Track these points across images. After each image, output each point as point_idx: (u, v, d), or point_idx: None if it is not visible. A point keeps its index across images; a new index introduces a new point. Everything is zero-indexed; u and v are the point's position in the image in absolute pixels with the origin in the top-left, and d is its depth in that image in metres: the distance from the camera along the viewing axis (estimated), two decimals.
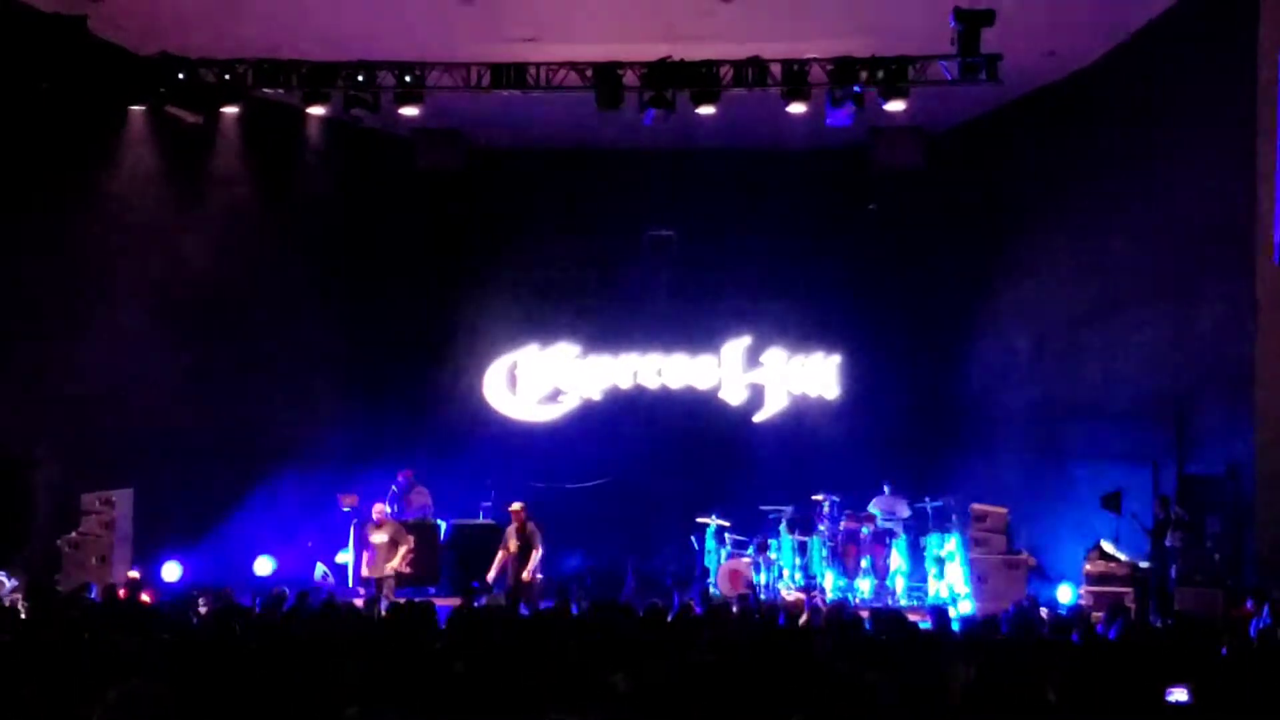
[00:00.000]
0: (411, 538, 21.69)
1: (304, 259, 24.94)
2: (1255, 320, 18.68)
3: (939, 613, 16.07)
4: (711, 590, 22.50)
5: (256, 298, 24.38)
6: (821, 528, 23.29)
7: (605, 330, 27.36)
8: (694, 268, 26.96)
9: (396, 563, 21.20)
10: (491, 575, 20.74)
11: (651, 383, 27.27)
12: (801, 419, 26.98)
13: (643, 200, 26.45)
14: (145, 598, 18.52)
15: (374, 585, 21.11)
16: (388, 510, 22.24)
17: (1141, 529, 20.03)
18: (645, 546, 25.08)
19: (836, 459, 25.07)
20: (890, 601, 21.82)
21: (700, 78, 20.43)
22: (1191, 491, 19.89)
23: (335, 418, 25.31)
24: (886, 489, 24.02)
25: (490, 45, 20.81)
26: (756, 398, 27.19)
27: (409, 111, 21.23)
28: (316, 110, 21.51)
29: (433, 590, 22.37)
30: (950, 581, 22.30)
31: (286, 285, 24.75)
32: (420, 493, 23.84)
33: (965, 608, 20.64)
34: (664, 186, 26.16)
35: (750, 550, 23.17)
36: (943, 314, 25.99)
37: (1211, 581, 18.65)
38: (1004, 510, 21.46)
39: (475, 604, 17.50)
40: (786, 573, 23.03)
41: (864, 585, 22.64)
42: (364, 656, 11.57)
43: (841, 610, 16.09)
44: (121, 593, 18.45)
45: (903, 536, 23.16)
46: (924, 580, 22.77)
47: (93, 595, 17.43)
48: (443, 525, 23.63)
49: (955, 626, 15.46)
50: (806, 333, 27.05)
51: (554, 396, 27.40)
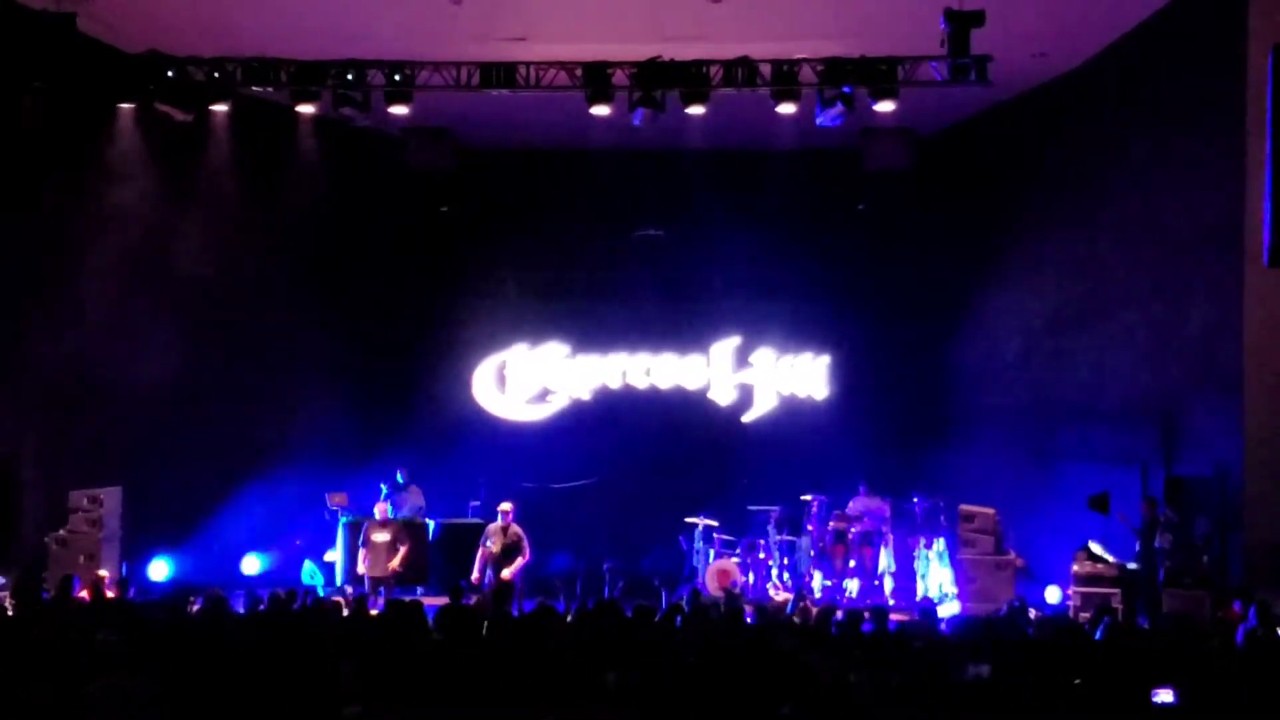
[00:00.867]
0: (410, 540, 21.74)
1: (293, 258, 24.92)
2: (1244, 321, 18.70)
3: (927, 613, 16.11)
4: (699, 590, 22.50)
5: (245, 296, 24.37)
6: (809, 528, 23.30)
7: (594, 330, 27.32)
8: (683, 268, 26.95)
9: (396, 563, 21.22)
10: (475, 576, 20.69)
11: (640, 383, 27.24)
12: (790, 419, 26.95)
13: (632, 200, 26.43)
14: (109, 594, 18.49)
15: (369, 583, 21.12)
16: (389, 509, 22.31)
17: (1130, 530, 20.04)
18: (633, 546, 25.03)
19: (825, 459, 25.03)
20: (877, 602, 21.82)
21: (690, 78, 20.40)
22: (1179, 492, 19.91)
23: (324, 417, 25.29)
24: (862, 489, 23.97)
25: (480, 44, 20.79)
26: (745, 398, 27.18)
27: (399, 110, 21.21)
28: (306, 109, 21.43)
29: (421, 590, 22.34)
30: (938, 582, 22.32)
31: (275, 284, 24.74)
32: (414, 492, 23.80)
33: (953, 608, 20.65)
34: (653, 186, 26.15)
35: (738, 550, 23.18)
36: (931, 315, 25.99)
37: (1199, 583, 18.66)
38: (992, 511, 21.47)
39: (463, 603, 17.52)
40: (774, 573, 23.05)
41: (851, 585, 22.64)
42: (357, 655, 11.60)
43: (830, 610, 16.11)
44: (111, 592, 18.47)
45: (890, 537, 23.15)
46: (912, 580, 22.77)
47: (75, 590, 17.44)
48: (431, 524, 23.61)
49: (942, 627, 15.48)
50: (796, 333, 27.04)
51: (543, 396, 27.37)
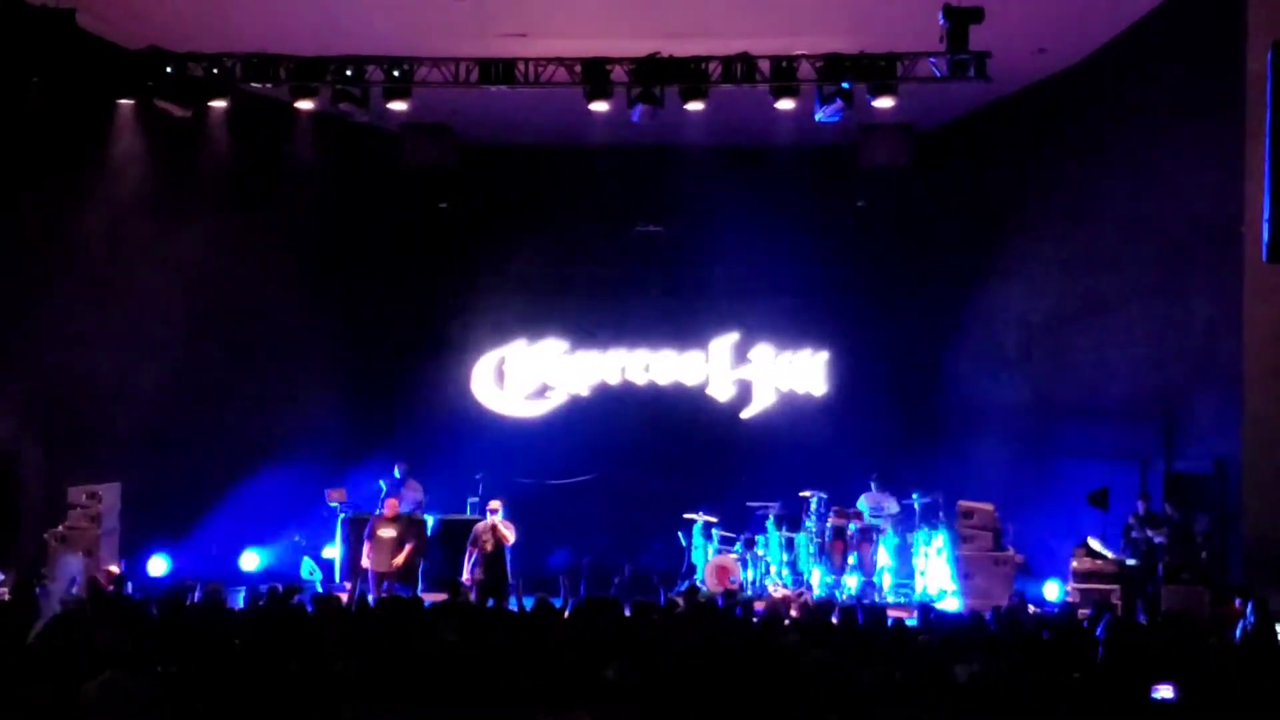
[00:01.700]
0: (415, 537, 21.78)
1: (292, 254, 24.92)
2: (1243, 318, 18.70)
3: (926, 610, 16.10)
4: (698, 586, 22.49)
5: (244, 293, 24.37)
6: (809, 524, 23.27)
7: (594, 326, 27.31)
8: (682, 264, 26.95)
9: (401, 560, 21.26)
10: (468, 575, 20.68)
11: (639, 379, 27.24)
12: (789, 415, 26.95)
13: (631, 196, 26.45)
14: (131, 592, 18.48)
15: (371, 578, 21.13)
16: (398, 505, 22.33)
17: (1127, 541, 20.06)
18: (632, 543, 25.03)
19: (824, 455, 25.03)
20: (877, 598, 21.80)
21: (688, 74, 20.41)
22: (1179, 489, 19.91)
23: (322, 413, 25.32)
24: (873, 485, 23.97)
25: (479, 41, 20.78)
26: (744, 394, 27.17)
27: (397, 106, 21.22)
28: (305, 105, 21.44)
29: (420, 586, 22.31)
30: (937, 578, 22.31)
31: (274, 280, 24.75)
32: (414, 487, 23.80)
33: (952, 604, 20.65)
34: (652, 183, 26.16)
35: (737, 546, 23.16)
36: (931, 311, 26.00)
37: (1198, 579, 18.66)
38: (991, 507, 21.46)
39: (461, 599, 17.52)
40: (774, 569, 23.04)
41: (851, 581, 22.62)
42: (354, 652, 11.60)
43: (827, 607, 16.11)
44: (109, 587, 18.46)
45: (890, 533, 23.13)
46: (911, 577, 22.76)
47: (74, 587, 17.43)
48: (430, 520, 23.59)
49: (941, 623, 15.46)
50: (794, 329, 27.03)
51: (542, 392, 27.37)
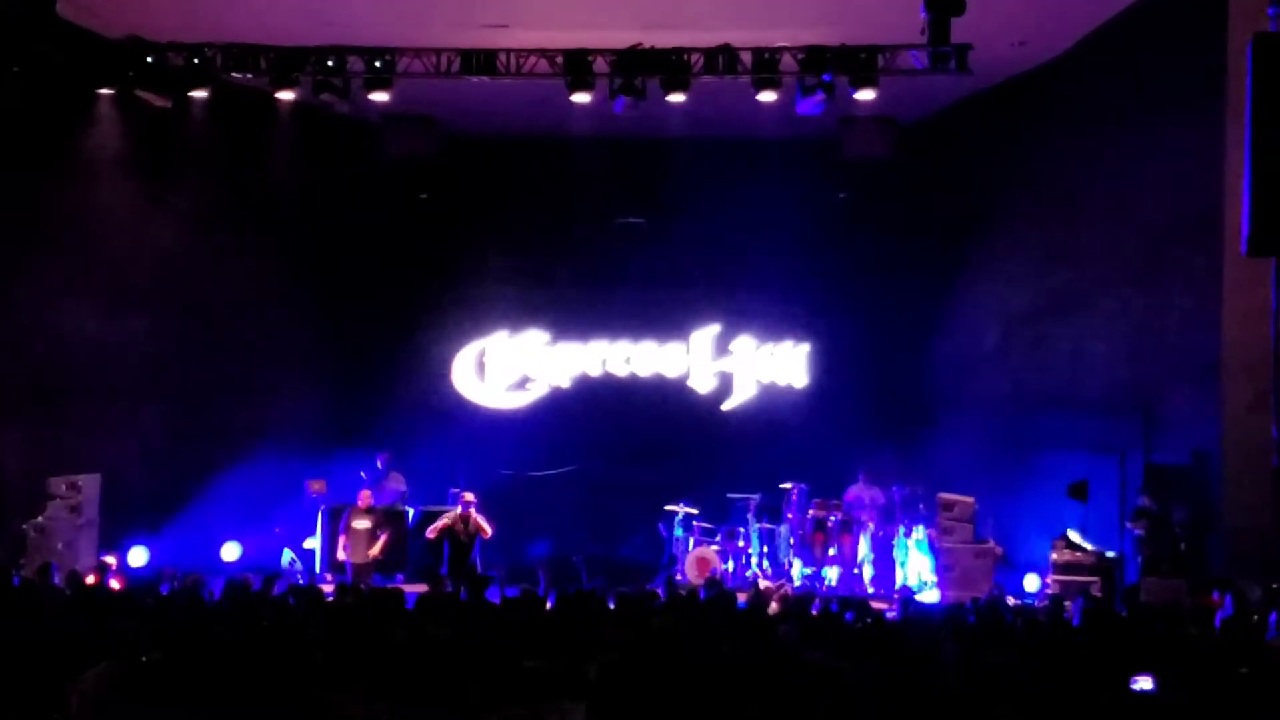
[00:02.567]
0: (390, 528, 21.83)
1: (273, 244, 24.87)
2: (1222, 310, 18.74)
3: (906, 601, 16.14)
4: (678, 578, 22.54)
5: (225, 283, 24.31)
6: (789, 516, 23.32)
7: (574, 318, 27.32)
8: (663, 256, 26.92)
9: (376, 550, 21.28)
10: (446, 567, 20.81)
11: (620, 370, 27.23)
12: (770, 407, 26.97)
13: (613, 188, 26.38)
14: (115, 584, 18.44)
15: (351, 570, 21.15)
16: (372, 497, 22.37)
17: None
18: (613, 534, 25.11)
19: (804, 447, 25.06)
20: (857, 590, 21.85)
21: (670, 65, 20.43)
22: (1158, 481, 19.95)
23: (303, 404, 25.29)
24: (861, 478, 24.00)
25: (461, 31, 20.77)
26: (725, 386, 27.18)
27: (379, 97, 21.21)
28: (286, 95, 21.43)
29: (400, 577, 22.34)
30: (917, 570, 22.36)
31: (255, 271, 24.69)
32: (395, 478, 23.85)
33: (932, 596, 20.69)
34: (634, 174, 26.14)
35: (718, 538, 23.22)
36: (911, 303, 25.98)
37: (1177, 571, 18.72)
38: (971, 499, 21.51)
39: (443, 591, 17.54)
40: (754, 560, 23.08)
41: (831, 573, 22.67)
42: (337, 644, 11.59)
43: (808, 598, 16.14)
44: (91, 579, 18.42)
45: (870, 525, 23.17)
46: (891, 569, 22.80)
47: (55, 578, 17.39)
48: (410, 512, 23.60)
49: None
50: (776, 321, 27.05)
51: (522, 384, 27.35)
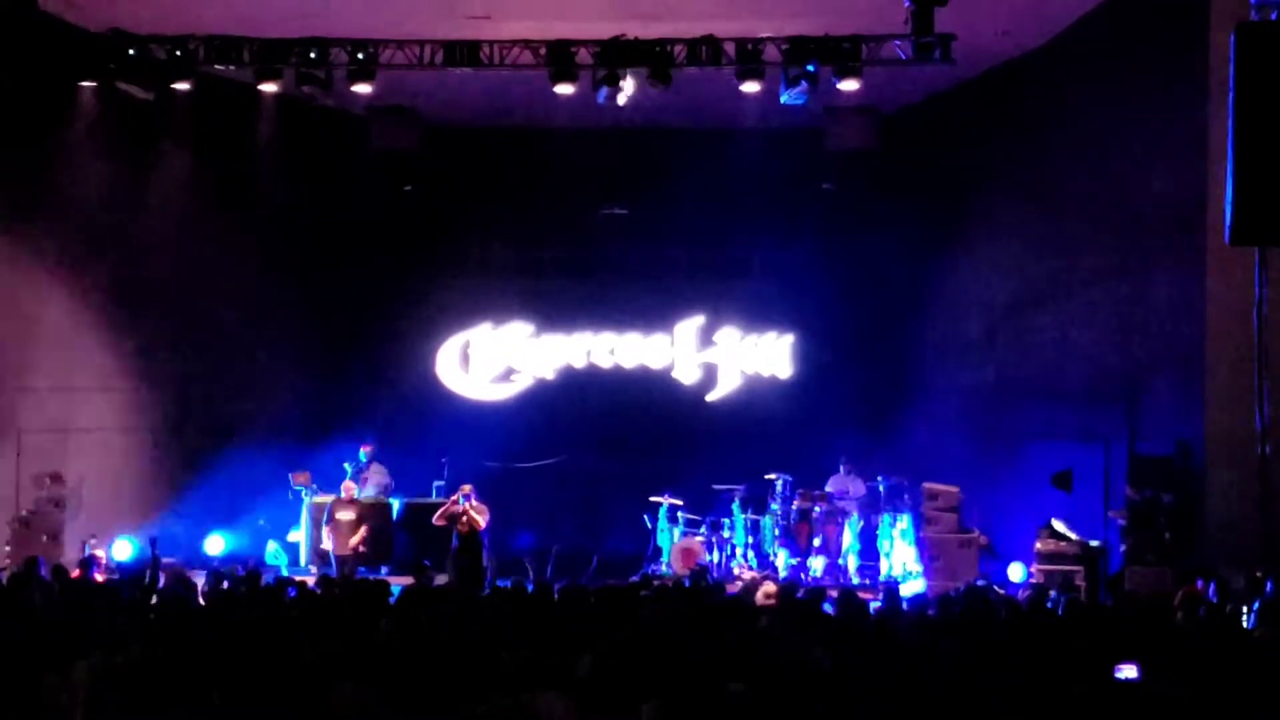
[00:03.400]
0: (373, 519, 21.86)
1: (257, 237, 24.84)
2: (1206, 299, 18.77)
3: (890, 592, 16.15)
4: (664, 569, 22.56)
5: (209, 276, 24.26)
6: (774, 507, 23.34)
7: (559, 309, 27.31)
8: (648, 247, 26.95)
9: (356, 541, 21.30)
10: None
11: (605, 362, 27.23)
12: (754, 398, 26.98)
13: (596, 179, 26.39)
14: (98, 577, 18.43)
15: (335, 562, 21.16)
16: (355, 489, 22.37)
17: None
18: (598, 526, 25.11)
19: (789, 438, 25.12)
20: (842, 580, 21.88)
21: (653, 56, 20.42)
22: (1142, 470, 19.98)
23: (287, 396, 25.28)
24: (842, 468, 24.04)
25: (443, 23, 20.75)
26: (710, 377, 27.18)
27: (362, 89, 21.19)
28: (269, 87, 21.41)
29: (386, 569, 22.32)
30: (902, 560, 22.39)
31: (239, 264, 24.65)
32: (378, 470, 23.84)
33: (916, 586, 20.72)
34: (617, 165, 26.13)
35: (703, 529, 23.23)
36: (895, 294, 26.01)
37: (1161, 560, 18.76)
38: (956, 489, 21.53)
39: (429, 583, 17.55)
40: (739, 551, 23.10)
41: (816, 564, 22.69)
42: (323, 635, 11.59)
43: (793, 588, 16.15)
44: (75, 572, 18.39)
45: (855, 515, 23.20)
46: (876, 559, 22.84)
47: (41, 571, 17.36)
48: (396, 504, 23.58)
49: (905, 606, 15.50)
50: (760, 312, 27.07)
51: (507, 376, 27.34)
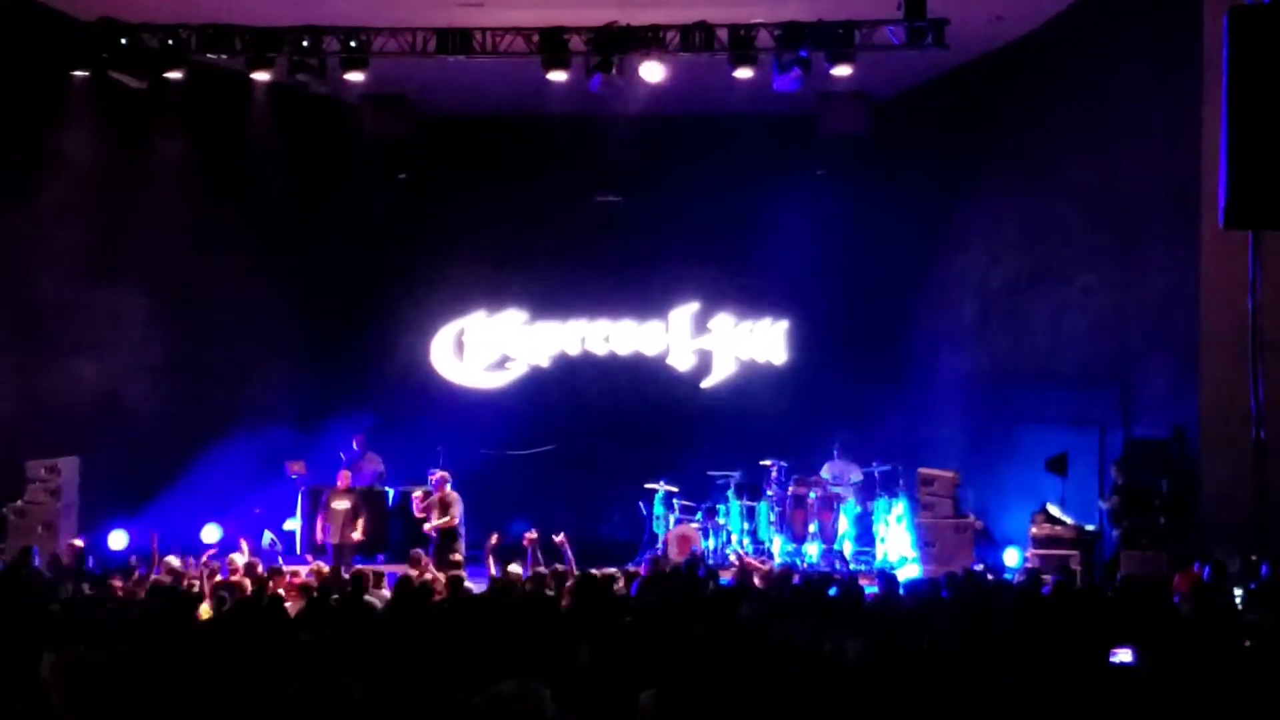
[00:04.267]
0: (369, 508, 21.88)
1: (251, 226, 24.80)
2: (1200, 283, 18.79)
3: (886, 577, 16.15)
4: (660, 555, 22.56)
5: (202, 265, 24.24)
6: (770, 493, 23.36)
7: (553, 296, 27.31)
8: (642, 234, 26.91)
9: (358, 533, 21.34)
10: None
11: (599, 349, 27.23)
12: (749, 385, 27.00)
13: (590, 166, 26.29)
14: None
15: (330, 551, 21.17)
16: (350, 477, 22.40)
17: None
18: (593, 513, 25.13)
19: (784, 424, 25.15)
20: (838, 565, 21.87)
21: (646, 43, 20.41)
22: (1137, 455, 20.00)
23: (282, 385, 25.25)
24: (836, 453, 24.05)
25: (436, 11, 20.73)
26: (704, 364, 27.19)
27: (354, 77, 21.19)
28: (261, 76, 21.39)
29: (381, 558, 22.33)
30: (898, 545, 22.41)
31: (232, 252, 24.62)
32: (373, 459, 23.83)
33: (912, 571, 20.73)
34: (611, 152, 26.07)
35: (699, 516, 23.24)
36: (890, 279, 26.02)
37: (1156, 544, 18.79)
38: (951, 474, 21.56)
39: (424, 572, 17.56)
40: (735, 538, 23.12)
41: (812, 550, 22.71)
42: (317, 625, 11.60)
43: (788, 574, 16.16)
44: (65, 560, 18.42)
45: (851, 501, 23.22)
46: (871, 544, 22.87)
47: (36, 561, 17.40)
48: (390, 492, 23.60)
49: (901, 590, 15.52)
50: (754, 299, 27.07)
51: (502, 363, 27.34)
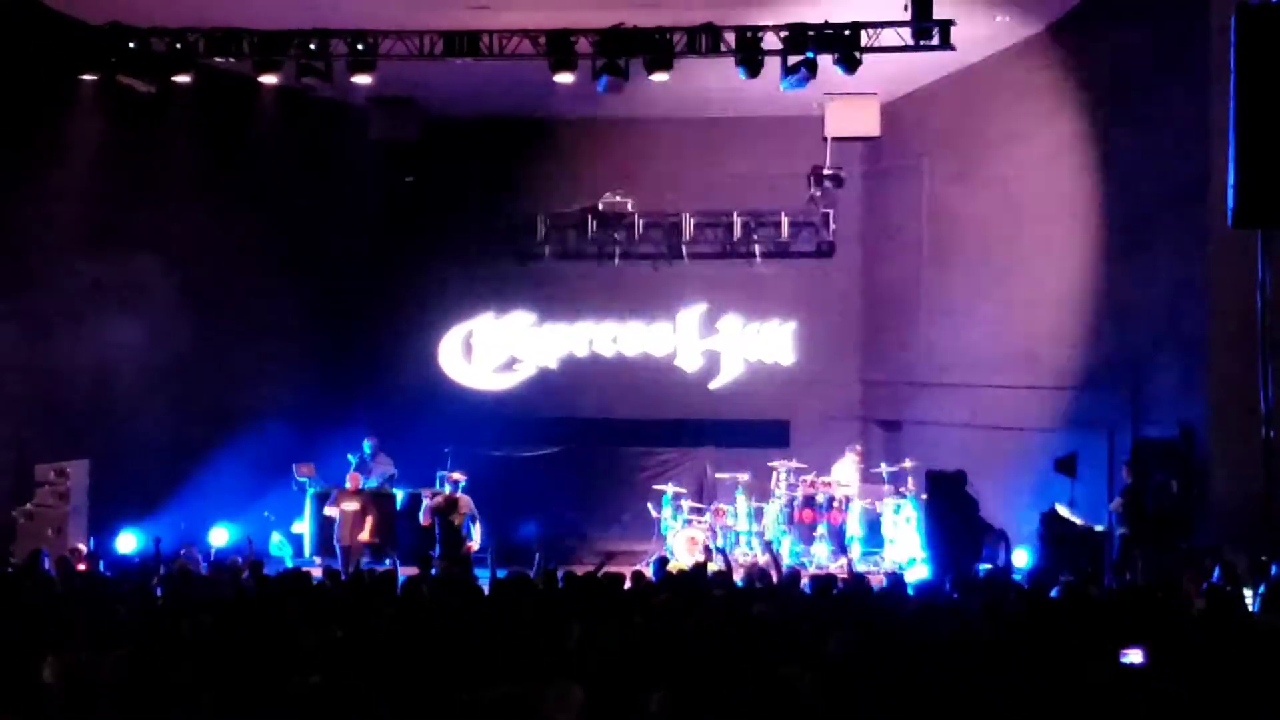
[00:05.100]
0: (377, 510, 21.91)
1: (258, 229, 24.80)
2: (1208, 282, 18.80)
3: (895, 579, 16.15)
4: (667, 557, 22.55)
5: (211, 268, 24.23)
6: (778, 494, 23.36)
7: (561, 298, 27.31)
8: (649, 235, 26.93)
9: (366, 534, 21.35)
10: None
11: (607, 351, 27.21)
12: (757, 385, 26.99)
13: (598, 167, 26.40)
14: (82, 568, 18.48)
15: (341, 552, 21.21)
16: (361, 479, 22.43)
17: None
18: (601, 514, 25.15)
19: (792, 425, 25.15)
20: (846, 566, 21.87)
21: (653, 45, 20.41)
22: (1146, 455, 20.01)
23: (291, 388, 25.24)
24: (849, 454, 24.07)
25: (443, 13, 20.74)
26: (713, 365, 27.17)
27: (362, 80, 21.19)
28: (269, 79, 21.41)
29: (390, 560, 22.35)
30: (906, 546, 22.40)
31: (241, 255, 24.62)
32: (383, 461, 23.89)
33: (921, 573, 20.72)
34: (619, 153, 26.14)
35: (707, 517, 23.23)
36: (897, 280, 26.01)
37: (1166, 544, 18.78)
38: (959, 474, 21.54)
39: (432, 573, 17.60)
40: (743, 539, 23.12)
41: (820, 550, 22.72)
42: (334, 625, 11.63)
43: (795, 576, 16.16)
44: (82, 566, 18.43)
45: (859, 502, 23.22)
46: (880, 545, 22.86)
47: (45, 565, 17.40)
48: (400, 494, 23.62)
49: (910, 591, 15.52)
50: (762, 299, 27.04)
51: (510, 365, 27.35)
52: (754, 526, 23.24)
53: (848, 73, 20.45)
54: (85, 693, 10.07)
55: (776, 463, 23.67)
